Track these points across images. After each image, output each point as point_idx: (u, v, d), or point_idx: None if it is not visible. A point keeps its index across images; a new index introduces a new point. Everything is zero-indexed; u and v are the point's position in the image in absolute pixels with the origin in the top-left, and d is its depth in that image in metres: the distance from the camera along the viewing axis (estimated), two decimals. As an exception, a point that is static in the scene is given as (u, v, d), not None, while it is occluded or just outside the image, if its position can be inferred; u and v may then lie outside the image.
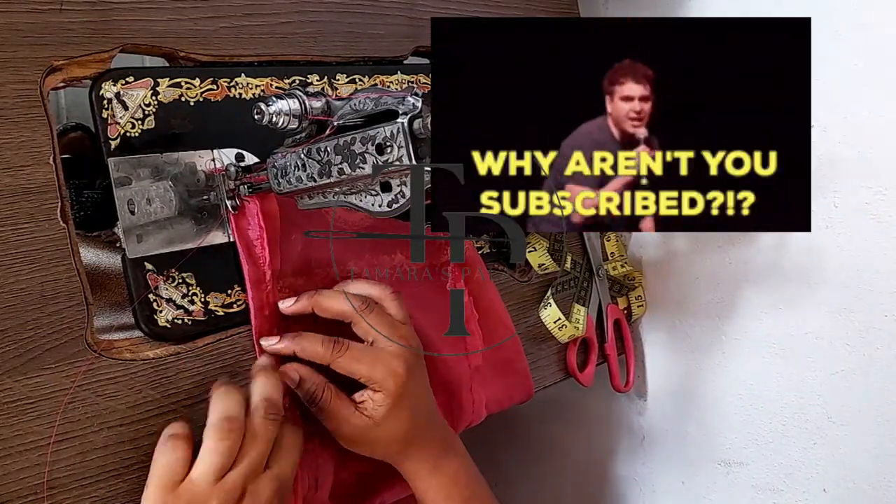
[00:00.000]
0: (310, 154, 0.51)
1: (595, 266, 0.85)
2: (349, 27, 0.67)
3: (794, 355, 0.80)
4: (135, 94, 0.55)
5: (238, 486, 0.49)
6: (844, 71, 0.72)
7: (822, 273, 0.76)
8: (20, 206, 0.49)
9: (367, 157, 0.48)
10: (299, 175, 0.52)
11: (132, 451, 0.52)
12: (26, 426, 0.48)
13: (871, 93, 0.71)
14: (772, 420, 0.83)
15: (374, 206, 0.51)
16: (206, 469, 0.48)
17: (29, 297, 0.49)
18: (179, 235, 0.56)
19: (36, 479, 0.48)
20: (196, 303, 0.57)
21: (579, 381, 0.82)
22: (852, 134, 0.72)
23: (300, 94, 0.50)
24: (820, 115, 0.73)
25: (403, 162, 0.46)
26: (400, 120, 0.46)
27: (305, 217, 0.58)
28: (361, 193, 0.51)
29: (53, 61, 0.51)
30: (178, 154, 0.56)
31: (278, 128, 0.50)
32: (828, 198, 0.74)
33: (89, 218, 0.62)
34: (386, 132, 0.47)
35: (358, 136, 0.48)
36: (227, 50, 0.59)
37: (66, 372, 0.50)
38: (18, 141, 0.49)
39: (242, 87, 0.60)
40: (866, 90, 0.71)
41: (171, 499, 0.48)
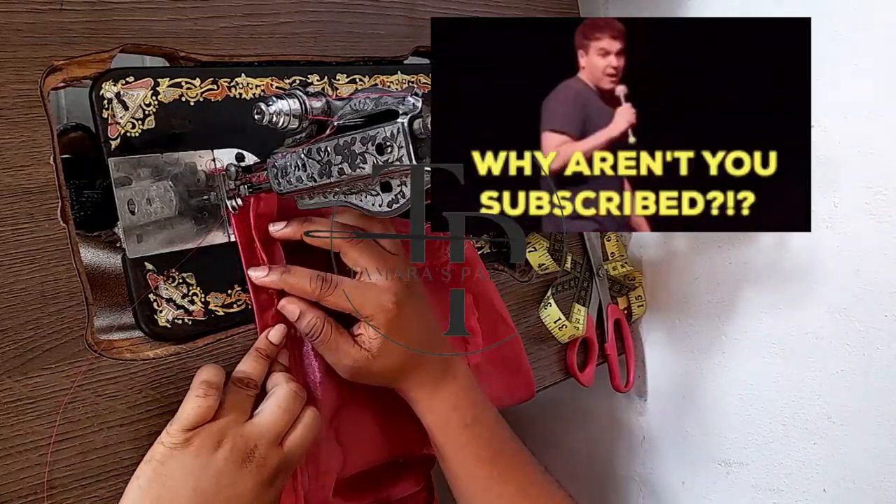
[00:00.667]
0: (310, 154, 0.51)
1: (595, 266, 0.85)
2: (349, 27, 0.67)
3: (794, 355, 0.80)
4: (135, 94, 0.55)
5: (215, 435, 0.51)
6: (844, 71, 0.72)
7: (822, 273, 0.76)
8: (20, 206, 0.49)
9: (367, 157, 0.48)
10: (299, 175, 0.52)
11: (132, 451, 0.52)
12: (26, 426, 0.48)
13: (871, 93, 0.71)
14: (772, 420, 0.83)
15: (374, 206, 0.51)
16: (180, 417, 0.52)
17: (29, 297, 0.49)
18: (179, 235, 0.56)
19: (36, 479, 0.48)
20: (196, 303, 0.57)
21: (579, 381, 0.82)
22: (852, 134, 0.72)
23: (300, 94, 0.50)
24: (820, 115, 0.73)
25: (403, 162, 0.47)
26: (400, 120, 0.46)
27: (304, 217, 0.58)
28: (361, 193, 0.51)
29: (54, 61, 0.51)
30: (178, 154, 0.56)
31: (278, 128, 0.50)
32: (828, 198, 0.74)
33: (89, 218, 0.62)
34: (386, 132, 0.47)
35: (358, 136, 0.48)
36: (227, 50, 0.59)
37: (67, 372, 0.50)
38: (19, 141, 0.49)
39: (243, 87, 0.60)
40: (866, 90, 0.71)
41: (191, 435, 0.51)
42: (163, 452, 0.50)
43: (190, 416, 0.51)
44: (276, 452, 0.53)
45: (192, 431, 0.51)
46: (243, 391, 0.55)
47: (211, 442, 0.51)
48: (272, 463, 0.52)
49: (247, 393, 0.55)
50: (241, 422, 0.53)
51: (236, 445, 0.51)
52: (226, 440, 0.51)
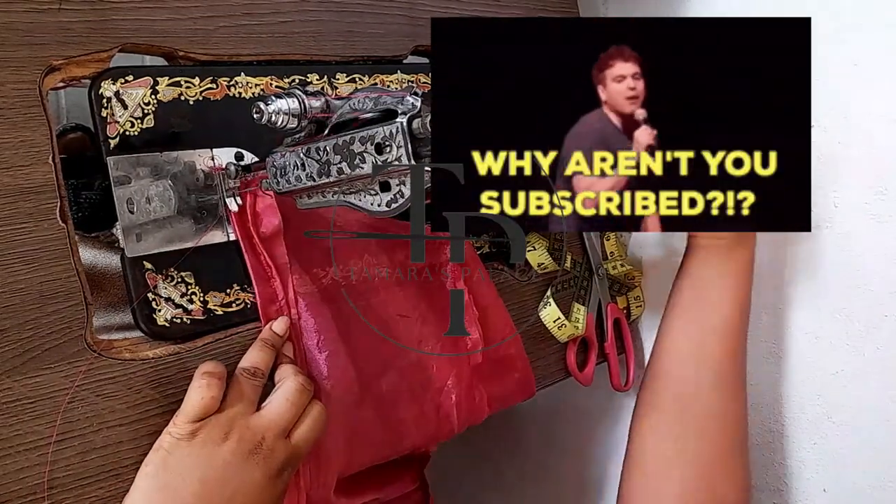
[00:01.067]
0: (309, 153, 0.51)
1: (595, 265, 0.85)
2: (349, 26, 0.66)
3: (794, 355, 0.80)
4: (134, 93, 0.55)
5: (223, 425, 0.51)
6: (844, 71, 0.72)
7: (822, 273, 0.76)
8: (19, 206, 0.49)
9: (366, 156, 0.48)
10: (298, 174, 0.52)
11: (132, 450, 0.52)
12: (26, 426, 0.48)
13: (871, 93, 0.71)
14: (772, 420, 0.82)
15: (373, 206, 0.51)
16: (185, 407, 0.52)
17: (28, 297, 0.49)
18: (178, 234, 0.56)
19: (36, 479, 0.48)
20: (195, 302, 0.57)
21: (579, 380, 0.82)
22: (852, 134, 0.72)
23: (299, 93, 0.50)
24: (820, 115, 0.73)
25: (403, 161, 0.46)
26: (399, 119, 0.46)
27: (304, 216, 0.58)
28: (360, 193, 0.51)
29: (52, 61, 0.51)
30: (177, 153, 0.56)
31: (277, 127, 0.50)
32: (828, 198, 0.74)
33: (87, 219, 0.62)
34: (385, 132, 0.47)
35: (357, 135, 0.48)
36: (226, 49, 0.59)
37: (66, 372, 0.50)
38: (17, 141, 0.49)
39: (242, 86, 0.60)
40: (866, 90, 0.71)
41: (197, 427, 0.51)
42: (170, 442, 0.50)
43: (195, 406, 0.51)
44: (284, 445, 0.53)
45: (199, 423, 0.51)
46: (250, 381, 0.54)
47: (218, 433, 0.51)
48: (279, 455, 0.52)
49: (254, 383, 0.54)
50: (248, 413, 0.53)
51: (243, 437, 0.51)
52: (233, 432, 0.51)
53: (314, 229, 0.61)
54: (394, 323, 0.65)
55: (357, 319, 0.62)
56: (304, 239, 0.61)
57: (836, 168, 0.73)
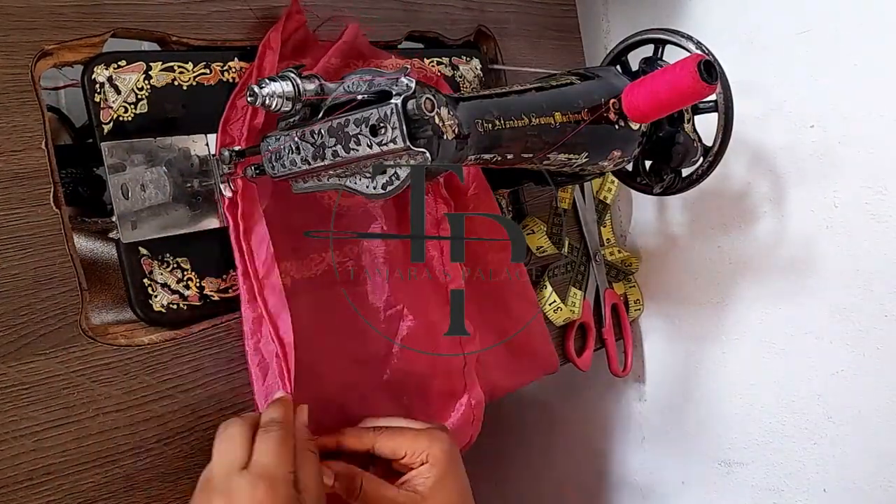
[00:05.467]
0: (303, 137, 0.50)
1: (592, 251, 0.85)
2: (342, 12, 0.66)
3: (794, 355, 0.80)
4: (127, 78, 0.54)
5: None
6: (844, 71, 0.72)
7: (822, 273, 0.76)
8: (12, 192, 0.49)
9: (360, 138, 0.47)
10: (293, 158, 0.51)
11: (128, 436, 0.52)
12: (21, 412, 0.48)
13: (870, 93, 0.71)
14: (772, 420, 0.82)
15: (368, 189, 0.50)
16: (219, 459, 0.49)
17: (22, 283, 0.49)
18: (174, 221, 0.56)
19: (31, 465, 0.48)
20: (191, 287, 0.56)
21: (577, 365, 0.82)
22: (852, 134, 0.72)
23: (293, 76, 0.50)
24: (820, 115, 0.73)
25: (398, 143, 0.46)
26: (394, 101, 0.46)
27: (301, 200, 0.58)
28: (356, 176, 0.51)
29: (45, 45, 0.51)
30: (171, 139, 0.56)
31: (271, 110, 0.50)
32: (828, 198, 0.74)
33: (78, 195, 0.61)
34: (380, 113, 0.46)
35: (351, 117, 0.48)
36: (219, 34, 0.59)
37: (61, 357, 0.50)
38: (10, 126, 0.49)
39: (235, 70, 0.59)
40: (866, 90, 0.71)
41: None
42: None
43: None
44: None
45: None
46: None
47: None
48: None
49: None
50: None
51: None
52: None
53: (311, 221, 0.61)
54: (380, 314, 0.64)
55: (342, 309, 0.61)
56: (295, 226, 0.60)
57: (836, 168, 0.73)
